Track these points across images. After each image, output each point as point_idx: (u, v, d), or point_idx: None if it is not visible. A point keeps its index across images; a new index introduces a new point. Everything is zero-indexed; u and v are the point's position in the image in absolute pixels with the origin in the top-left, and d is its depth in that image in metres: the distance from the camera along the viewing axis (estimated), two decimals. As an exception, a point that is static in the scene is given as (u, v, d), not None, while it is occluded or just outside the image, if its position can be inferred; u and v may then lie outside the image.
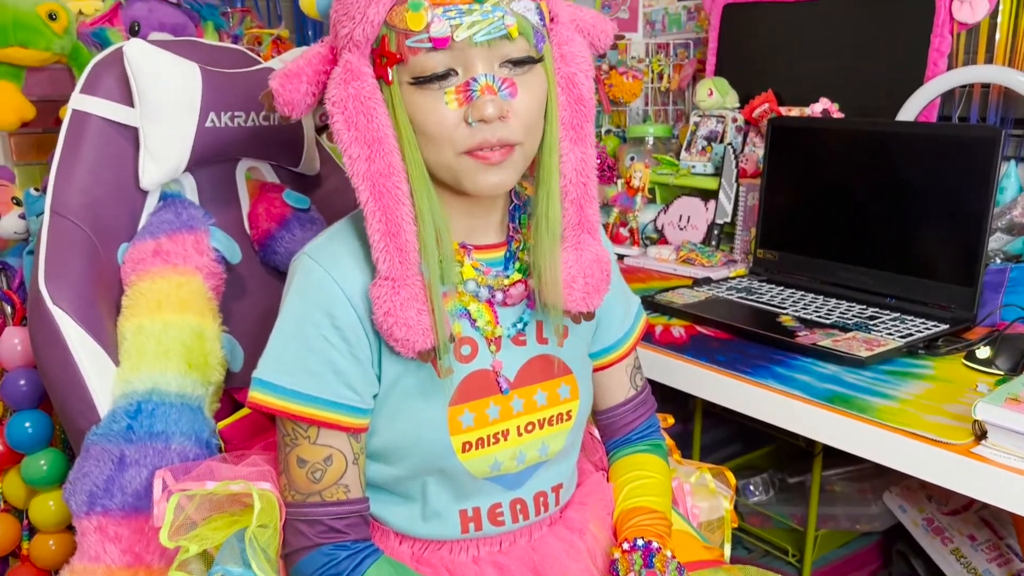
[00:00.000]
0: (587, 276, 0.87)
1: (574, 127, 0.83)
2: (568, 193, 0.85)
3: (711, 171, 1.96)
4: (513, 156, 0.79)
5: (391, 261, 0.79)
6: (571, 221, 0.86)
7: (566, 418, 0.94)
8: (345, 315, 0.82)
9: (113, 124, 1.08)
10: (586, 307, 0.88)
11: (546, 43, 0.80)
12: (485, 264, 0.89)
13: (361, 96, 0.77)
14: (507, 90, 0.77)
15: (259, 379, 0.84)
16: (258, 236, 1.23)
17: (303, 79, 0.81)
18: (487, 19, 0.74)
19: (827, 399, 1.11)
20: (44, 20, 1.33)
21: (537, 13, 0.78)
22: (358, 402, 0.84)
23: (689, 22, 2.37)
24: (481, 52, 0.76)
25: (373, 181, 0.78)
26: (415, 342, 0.80)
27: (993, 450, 0.95)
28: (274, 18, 2.07)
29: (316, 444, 0.84)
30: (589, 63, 0.84)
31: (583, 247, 0.87)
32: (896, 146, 1.46)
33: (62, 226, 1.03)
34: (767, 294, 1.52)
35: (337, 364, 0.83)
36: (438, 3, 0.74)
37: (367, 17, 0.75)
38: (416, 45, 0.75)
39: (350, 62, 0.78)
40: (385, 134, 0.78)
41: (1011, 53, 1.74)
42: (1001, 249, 1.50)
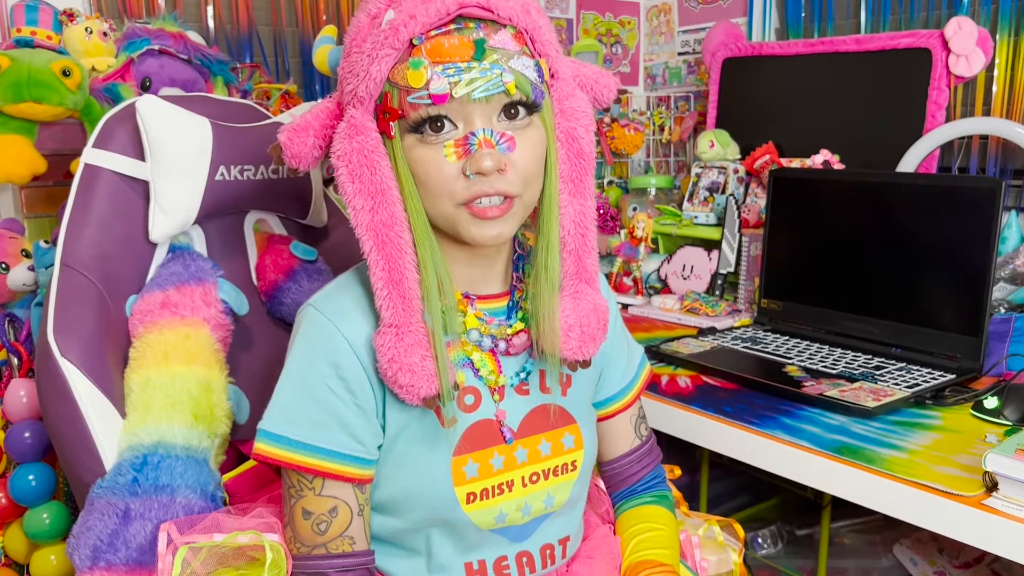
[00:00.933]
0: (584, 325, 0.88)
1: (573, 180, 0.85)
2: (567, 244, 0.86)
3: (713, 221, 1.97)
4: (512, 209, 0.80)
5: (394, 309, 0.80)
6: (570, 271, 0.87)
7: (571, 468, 0.93)
8: (350, 366, 0.83)
9: (124, 178, 1.09)
10: (582, 355, 0.88)
11: (545, 98, 0.82)
12: (488, 313, 0.90)
13: (365, 150, 0.79)
14: (505, 144, 0.78)
15: (264, 430, 0.84)
16: (265, 287, 1.23)
17: (310, 133, 0.84)
18: (485, 76, 0.76)
19: (835, 450, 1.10)
20: (58, 76, 1.35)
21: (536, 70, 0.80)
22: (363, 453, 0.84)
23: (689, 76, 2.41)
24: (479, 107, 0.77)
25: (376, 231, 0.79)
26: (419, 388, 0.80)
27: (1004, 502, 0.94)
28: (283, 73, 2.11)
29: (321, 495, 0.84)
30: (589, 118, 0.85)
31: (581, 296, 0.88)
32: (897, 197, 1.48)
33: (72, 278, 1.04)
34: (772, 344, 1.52)
35: (342, 415, 0.83)
36: (437, 61, 0.76)
37: (370, 74, 0.78)
38: (417, 101, 0.77)
39: (354, 117, 0.80)
40: (388, 186, 0.79)
41: (1008, 105, 1.76)
42: (1005, 299, 1.51)
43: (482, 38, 0.76)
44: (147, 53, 1.48)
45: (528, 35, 0.80)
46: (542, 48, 0.81)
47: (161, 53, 1.49)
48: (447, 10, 0.75)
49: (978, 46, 1.66)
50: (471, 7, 0.76)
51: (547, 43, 0.82)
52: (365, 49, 0.78)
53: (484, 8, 0.77)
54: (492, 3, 0.77)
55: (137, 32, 1.50)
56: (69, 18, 1.53)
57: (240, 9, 2.04)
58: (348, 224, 1.36)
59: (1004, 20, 1.75)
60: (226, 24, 2.04)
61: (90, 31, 1.53)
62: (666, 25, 2.46)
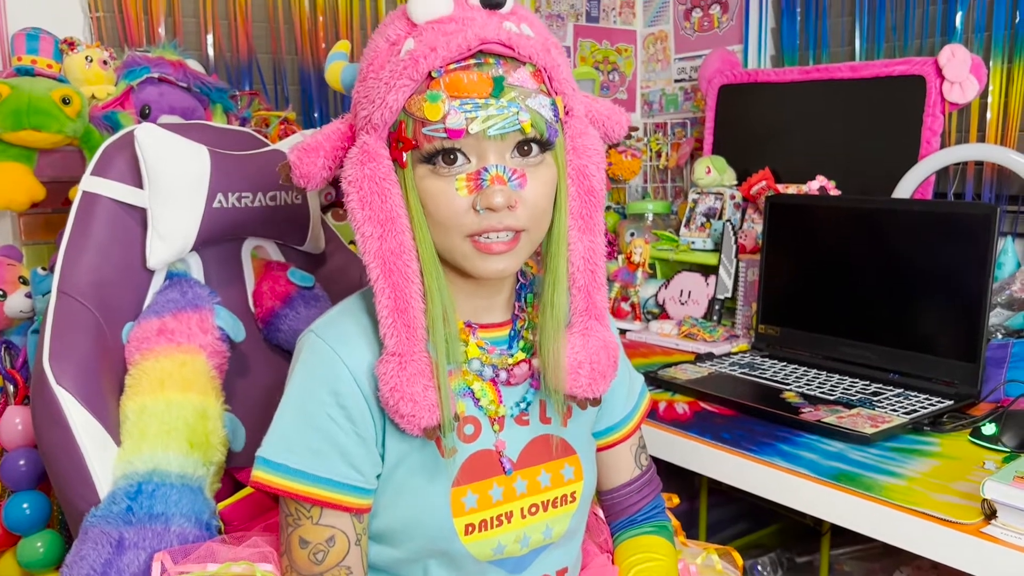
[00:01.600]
0: (593, 362, 0.87)
1: (583, 216, 0.85)
2: (576, 280, 0.86)
3: (711, 247, 1.98)
4: (519, 245, 0.81)
5: (399, 337, 0.80)
6: (579, 307, 0.87)
7: (570, 500, 0.93)
8: (350, 394, 0.82)
9: (122, 205, 1.09)
10: (591, 393, 0.88)
11: (559, 136, 0.82)
12: (490, 343, 0.89)
13: (376, 177, 0.79)
14: (517, 180, 0.78)
15: (262, 458, 0.83)
16: (262, 314, 1.24)
17: (320, 154, 0.83)
18: (502, 114, 0.76)
19: (833, 477, 1.10)
20: (58, 104, 1.36)
21: (551, 108, 0.80)
22: (361, 482, 0.84)
23: (686, 102, 2.43)
24: (494, 143, 0.77)
25: (384, 259, 0.79)
26: (421, 418, 0.80)
27: (1003, 530, 0.93)
28: (282, 101, 2.12)
29: (319, 524, 0.83)
30: (601, 155, 0.85)
31: (590, 333, 0.88)
32: (894, 223, 1.48)
33: (69, 305, 1.04)
34: (770, 370, 1.52)
35: (341, 444, 0.82)
36: (455, 96, 0.76)
37: (386, 102, 0.77)
38: (432, 134, 0.77)
39: (367, 143, 0.80)
40: (398, 214, 0.79)
41: (1002, 131, 1.78)
42: (1002, 324, 1.51)
43: (501, 75, 0.77)
44: (147, 81, 1.49)
45: (547, 73, 0.80)
46: (559, 86, 0.81)
47: (161, 81, 1.50)
48: (468, 45, 0.76)
49: (971, 73, 1.67)
50: (492, 43, 0.77)
51: (564, 81, 0.82)
52: (382, 76, 0.78)
53: (505, 45, 0.77)
54: (513, 41, 0.77)
55: (137, 60, 1.51)
56: (70, 47, 1.55)
57: (240, 37, 2.06)
58: (346, 251, 1.38)
59: (997, 47, 1.76)
60: (226, 52, 2.05)
61: (90, 59, 1.54)
62: (662, 52, 2.48)
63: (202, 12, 2.01)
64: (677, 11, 2.42)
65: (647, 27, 2.52)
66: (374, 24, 2.22)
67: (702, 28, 2.36)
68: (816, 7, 2.09)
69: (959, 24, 1.82)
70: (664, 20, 2.46)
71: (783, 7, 2.16)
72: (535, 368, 0.90)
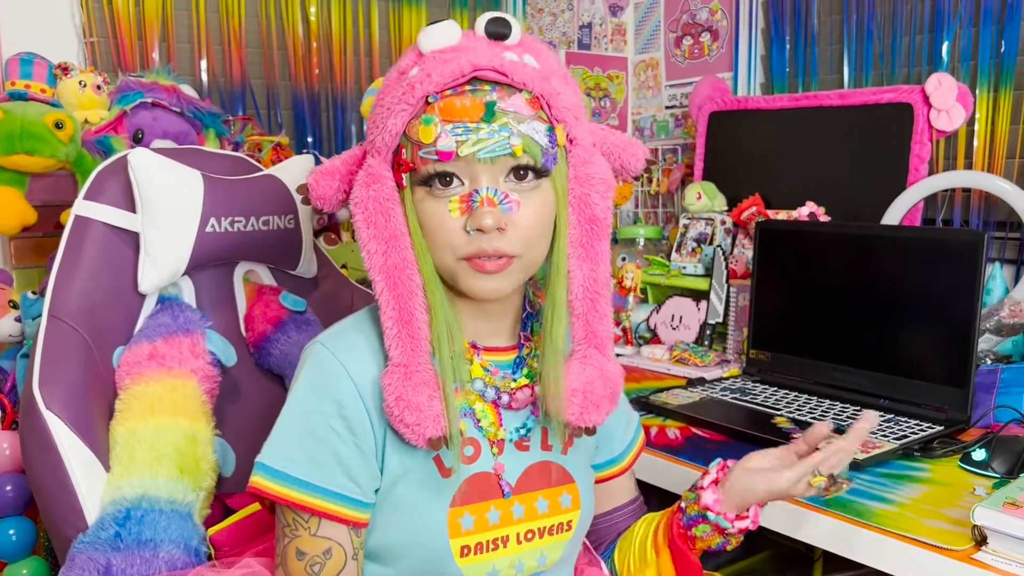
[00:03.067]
0: (587, 391, 0.87)
1: (583, 245, 0.85)
2: (575, 308, 0.86)
3: (701, 272, 1.98)
4: (510, 267, 0.81)
5: (403, 348, 0.81)
6: (578, 335, 0.87)
7: (566, 528, 0.93)
8: (353, 406, 0.83)
9: (114, 229, 1.10)
10: (583, 422, 0.87)
11: (558, 163, 0.83)
12: (494, 365, 0.90)
13: (380, 198, 0.82)
14: (508, 204, 0.80)
15: (262, 464, 0.83)
16: (254, 338, 1.23)
17: (336, 177, 0.88)
18: (492, 138, 0.78)
19: (824, 503, 1.10)
20: (51, 129, 1.37)
21: (548, 135, 0.81)
22: (360, 495, 0.83)
23: (677, 128, 2.45)
24: (486, 167, 0.79)
25: (388, 273, 0.81)
26: (426, 428, 0.80)
27: (994, 556, 0.93)
28: (275, 126, 2.13)
29: (316, 536, 0.83)
30: (606, 184, 0.86)
31: (588, 361, 0.87)
32: (883, 249, 1.49)
33: (59, 330, 1.03)
34: (761, 395, 1.52)
35: (341, 455, 0.82)
36: (448, 120, 0.78)
37: (387, 127, 0.81)
38: (426, 156, 0.79)
39: (372, 166, 0.83)
40: (401, 232, 0.82)
41: (989, 158, 1.80)
42: (991, 350, 1.51)
43: (493, 100, 0.78)
44: (140, 106, 1.50)
45: (544, 100, 0.81)
46: (559, 114, 0.82)
47: (154, 106, 1.51)
48: (462, 71, 0.78)
49: (958, 101, 1.69)
50: (486, 71, 0.78)
51: (565, 109, 0.83)
52: (386, 102, 0.82)
53: (499, 72, 0.79)
54: (507, 68, 0.79)
55: (131, 85, 1.52)
56: (63, 71, 1.55)
57: (233, 63, 2.07)
58: (338, 275, 1.38)
59: (983, 76, 1.79)
60: (219, 77, 2.06)
61: (84, 84, 1.55)
62: (653, 79, 2.50)
63: (196, 38, 2.03)
64: (668, 39, 2.45)
65: (638, 54, 2.55)
66: (367, 50, 2.24)
67: (692, 55, 2.38)
68: (805, 35, 2.12)
69: (946, 53, 1.85)
70: (655, 47, 2.49)
71: (772, 35, 2.19)
72: (537, 395, 0.90)
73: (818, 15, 2.10)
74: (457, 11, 2.37)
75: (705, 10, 2.34)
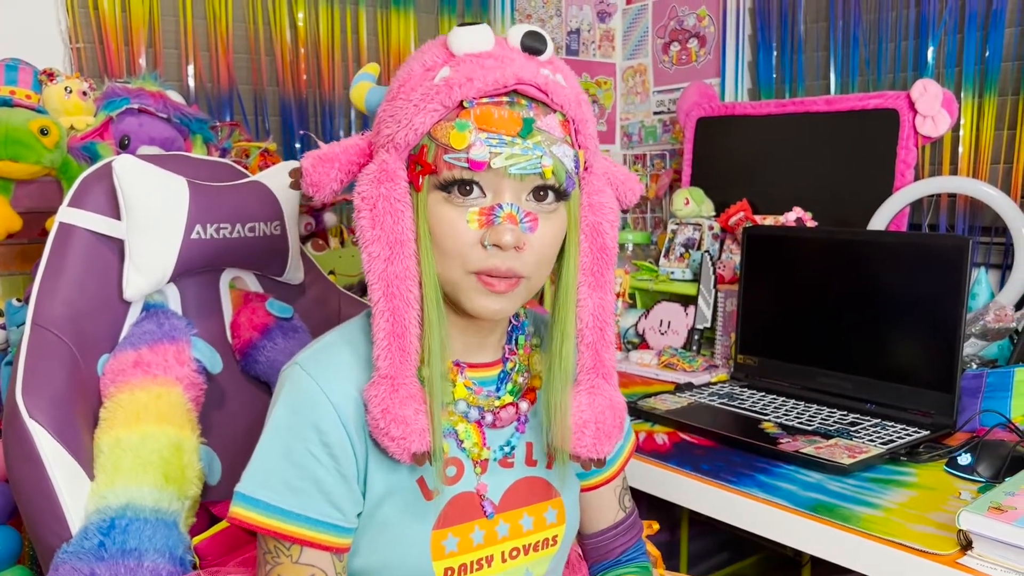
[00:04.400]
0: (599, 422, 0.86)
1: (594, 273, 0.85)
2: (584, 337, 0.85)
3: (689, 277, 1.99)
4: (518, 288, 0.80)
5: (392, 360, 0.79)
6: (586, 365, 0.86)
7: (551, 543, 0.92)
8: (333, 430, 0.81)
9: (99, 236, 1.09)
10: (595, 454, 0.86)
11: (576, 188, 0.82)
12: (477, 383, 0.88)
13: (392, 197, 0.79)
14: (528, 223, 0.78)
15: (241, 494, 0.81)
16: (240, 345, 1.23)
17: (335, 165, 0.82)
18: (526, 155, 0.76)
19: (811, 508, 1.10)
20: (35, 135, 1.35)
21: (574, 160, 0.80)
22: (342, 521, 0.82)
23: (664, 134, 2.45)
24: (512, 183, 0.77)
25: (388, 282, 0.79)
26: (411, 442, 0.79)
27: (979, 560, 0.94)
28: (262, 132, 2.13)
29: (298, 563, 0.81)
30: (616, 215, 0.86)
31: (597, 391, 0.87)
32: (869, 254, 1.50)
33: (43, 338, 1.02)
34: (749, 400, 1.53)
35: (323, 481, 0.81)
36: (483, 129, 0.76)
37: (412, 124, 0.77)
38: (453, 162, 0.76)
39: (386, 162, 0.79)
40: (408, 237, 0.79)
41: (974, 164, 1.81)
42: (976, 354, 1.52)
43: (532, 117, 0.77)
44: (126, 112, 1.49)
45: (574, 125, 0.81)
46: (584, 140, 0.82)
47: (140, 112, 1.50)
48: (505, 82, 0.76)
49: (943, 107, 1.70)
50: (528, 85, 0.77)
51: (589, 137, 0.83)
52: (413, 98, 0.78)
53: (540, 89, 0.77)
54: (548, 87, 0.78)
55: (117, 91, 1.51)
56: (49, 78, 1.54)
57: (221, 69, 2.06)
58: (325, 281, 1.37)
59: (968, 82, 1.80)
60: (207, 83, 2.06)
61: (69, 90, 1.54)
62: (641, 85, 2.51)
63: (183, 43, 2.02)
64: (656, 45, 2.46)
65: (626, 60, 2.56)
66: (355, 56, 2.23)
67: (680, 62, 2.39)
68: (792, 42, 2.13)
69: (931, 59, 1.86)
70: (643, 53, 2.50)
71: (759, 42, 2.20)
72: (521, 412, 0.89)
73: (804, 22, 2.11)
74: (445, 16, 2.37)
75: (693, 16, 2.35)
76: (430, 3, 2.36)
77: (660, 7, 2.43)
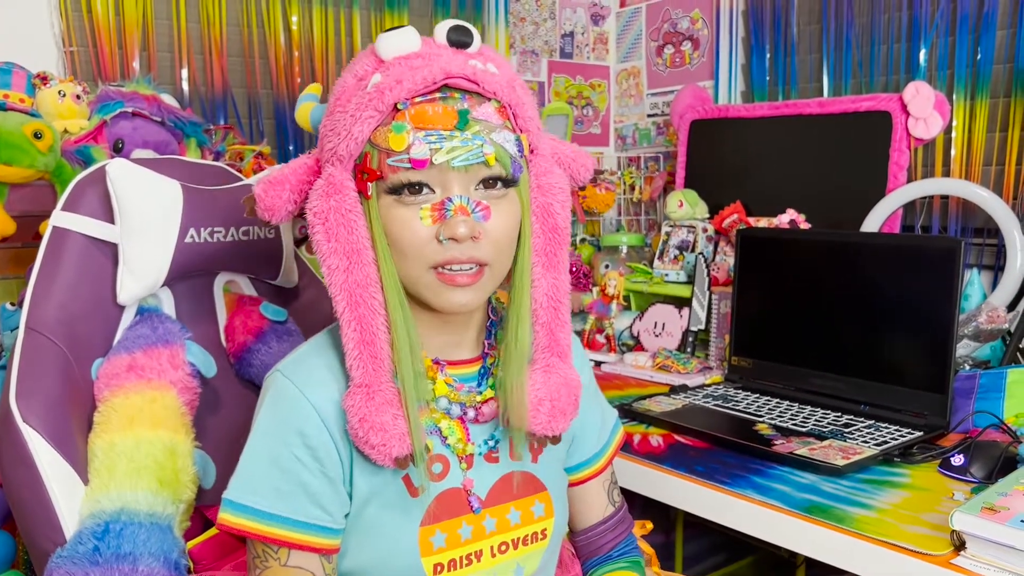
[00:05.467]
0: (554, 399, 0.87)
1: (547, 254, 0.86)
2: (539, 317, 0.86)
3: (684, 279, 1.99)
4: (482, 279, 0.81)
5: (365, 368, 0.80)
6: (541, 344, 0.87)
7: (541, 537, 0.92)
8: (317, 434, 0.82)
9: (93, 240, 1.09)
10: (551, 431, 0.87)
11: (523, 172, 0.83)
12: (458, 380, 0.89)
13: (342, 209, 0.79)
14: (480, 212, 0.79)
15: (229, 500, 0.82)
16: (234, 349, 1.23)
17: (286, 187, 0.84)
18: (466, 146, 0.77)
19: (805, 509, 1.10)
20: (29, 139, 1.35)
21: (516, 144, 0.81)
22: (329, 522, 0.83)
23: (658, 137, 2.46)
24: (458, 175, 0.78)
25: (350, 291, 0.80)
26: (392, 447, 0.79)
27: (973, 561, 0.94)
28: (256, 135, 2.12)
29: (287, 566, 0.82)
30: (566, 194, 0.86)
31: (552, 370, 0.88)
32: (862, 256, 1.51)
33: (36, 342, 1.02)
34: (743, 401, 1.53)
35: (308, 484, 0.81)
36: (420, 127, 0.77)
37: (352, 134, 0.78)
38: (396, 164, 0.77)
39: (333, 175, 0.80)
40: (364, 246, 0.80)
41: (966, 166, 1.82)
42: (969, 356, 1.53)
43: (466, 108, 0.78)
44: (120, 115, 1.49)
45: (511, 110, 0.81)
46: (524, 124, 0.83)
47: (134, 115, 1.50)
48: (434, 78, 0.77)
49: (935, 109, 1.71)
50: (457, 78, 0.78)
51: (529, 119, 0.83)
52: (349, 109, 0.79)
53: (470, 80, 0.78)
54: (478, 76, 0.79)
55: (110, 95, 1.51)
56: (42, 81, 1.54)
57: (215, 72, 2.06)
58: (319, 284, 1.37)
59: (960, 84, 1.81)
60: (200, 86, 2.06)
61: (63, 94, 1.54)
62: (635, 88, 2.52)
63: (177, 46, 2.02)
64: (649, 47, 2.46)
65: (620, 63, 2.56)
66: (349, 59, 2.23)
67: (674, 64, 2.40)
68: (785, 44, 2.13)
69: (923, 62, 1.87)
70: (637, 56, 2.50)
71: (753, 44, 2.20)
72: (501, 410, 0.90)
73: (798, 24, 2.12)
74: (438, 18, 2.37)
75: (686, 19, 2.35)
76: (424, 5, 2.36)
77: (654, 10, 2.44)
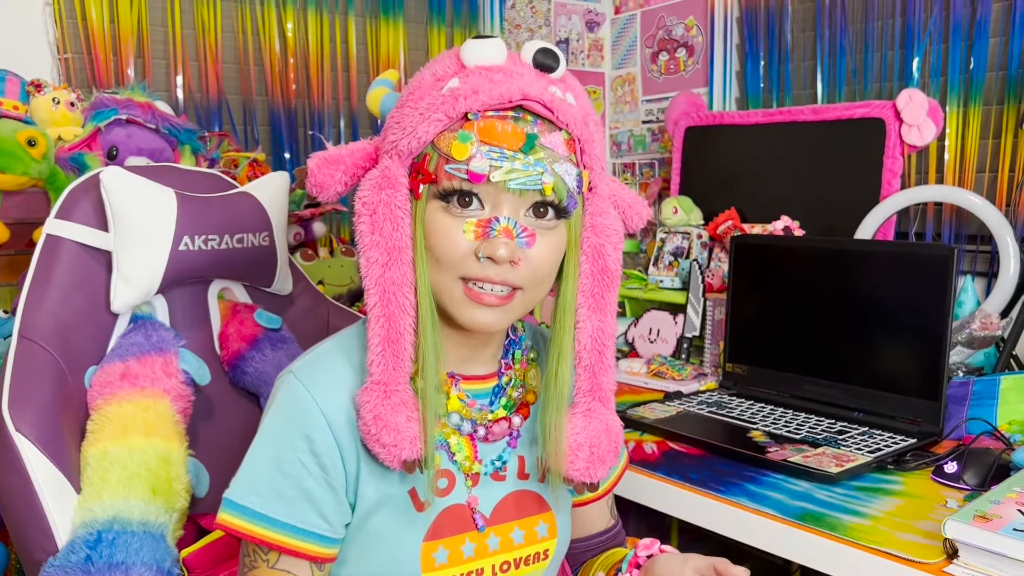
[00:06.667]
0: (593, 446, 0.85)
1: (595, 295, 0.84)
2: (582, 359, 0.85)
3: (678, 286, 2.00)
4: (512, 302, 0.80)
5: (386, 366, 0.79)
6: (583, 387, 0.86)
7: (543, 557, 0.92)
8: (324, 441, 0.81)
9: (86, 248, 1.09)
10: (588, 478, 0.86)
11: (577, 208, 0.82)
12: (471, 396, 0.88)
13: (392, 204, 0.79)
14: (525, 239, 0.78)
15: (230, 500, 0.82)
16: (228, 356, 1.22)
17: (340, 167, 0.83)
18: (527, 170, 0.76)
19: (799, 517, 1.10)
20: (23, 146, 1.35)
21: (576, 179, 0.80)
22: (328, 531, 0.82)
23: (653, 143, 2.46)
24: (511, 197, 0.77)
25: (384, 288, 0.79)
26: (402, 449, 0.78)
27: (965, 569, 0.94)
28: (251, 141, 2.13)
29: (274, 569, 0.82)
30: (619, 237, 0.85)
31: (593, 415, 0.86)
32: (856, 263, 1.51)
33: (29, 350, 1.02)
34: (737, 408, 1.53)
35: (311, 491, 0.81)
36: (486, 142, 0.76)
37: (416, 133, 0.78)
38: (453, 172, 0.77)
39: (389, 169, 0.80)
40: (406, 244, 0.79)
41: (960, 173, 1.82)
42: (963, 362, 1.53)
43: (535, 133, 0.77)
44: (114, 123, 1.48)
45: (580, 144, 0.80)
46: (589, 161, 0.82)
47: (129, 123, 1.50)
48: (511, 97, 0.76)
49: (929, 116, 1.71)
50: (534, 102, 0.77)
51: (595, 157, 0.82)
52: (419, 107, 0.78)
53: (546, 106, 0.77)
54: (555, 104, 0.78)
55: (105, 102, 1.50)
56: (36, 88, 1.54)
57: (210, 79, 2.06)
58: (313, 291, 1.37)
59: (953, 92, 1.82)
60: (195, 93, 2.06)
61: (57, 101, 1.53)
62: (630, 95, 2.52)
63: (172, 54, 2.02)
64: (644, 54, 2.47)
65: (615, 69, 2.57)
66: (344, 65, 2.24)
67: (668, 71, 2.40)
68: (779, 52, 2.14)
69: (916, 69, 1.88)
70: (632, 63, 2.51)
71: (747, 51, 2.21)
72: (514, 427, 0.89)
73: (792, 32, 2.12)
74: (434, 26, 2.38)
75: (681, 26, 2.36)
76: (419, 13, 2.37)
77: (648, 17, 2.44)
